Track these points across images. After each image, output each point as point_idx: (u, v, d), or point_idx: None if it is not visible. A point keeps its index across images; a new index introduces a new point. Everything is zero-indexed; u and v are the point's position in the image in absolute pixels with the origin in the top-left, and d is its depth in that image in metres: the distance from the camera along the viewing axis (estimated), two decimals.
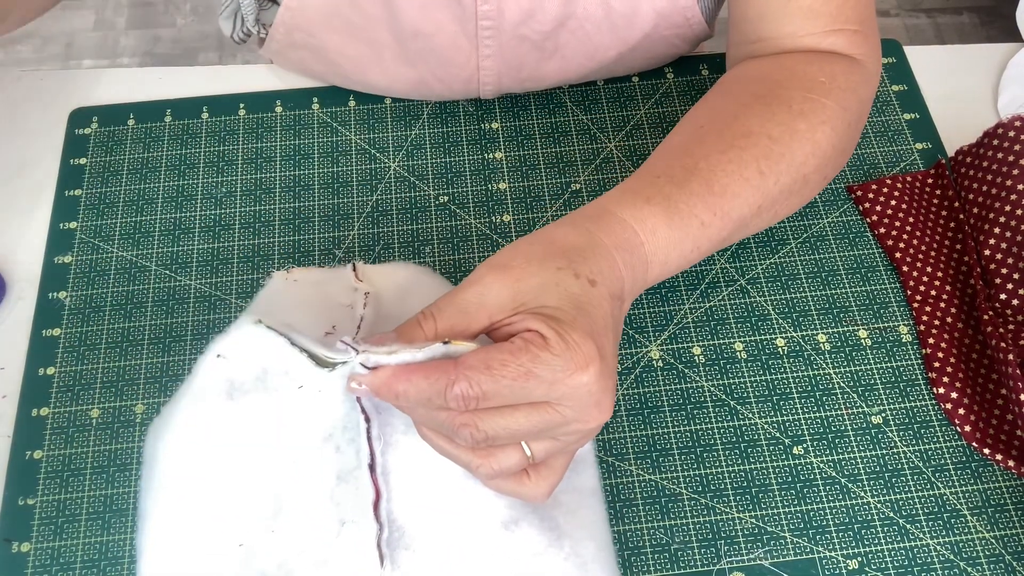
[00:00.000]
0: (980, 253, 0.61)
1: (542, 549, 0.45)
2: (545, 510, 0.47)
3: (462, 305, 0.43)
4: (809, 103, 0.56)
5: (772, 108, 0.55)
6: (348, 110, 0.69)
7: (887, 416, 0.57)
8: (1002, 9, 1.87)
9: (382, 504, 0.44)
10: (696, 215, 0.51)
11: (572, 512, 0.48)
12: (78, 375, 0.58)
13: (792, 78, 0.57)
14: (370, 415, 0.45)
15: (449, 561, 0.44)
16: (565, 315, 0.41)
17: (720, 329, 0.60)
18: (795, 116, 0.55)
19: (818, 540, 0.53)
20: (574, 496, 0.49)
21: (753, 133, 0.54)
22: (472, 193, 0.65)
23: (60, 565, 0.52)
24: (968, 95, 0.70)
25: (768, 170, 0.53)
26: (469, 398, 0.40)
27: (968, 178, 0.64)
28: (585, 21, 0.63)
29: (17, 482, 0.54)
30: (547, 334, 0.40)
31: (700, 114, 0.57)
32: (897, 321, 0.60)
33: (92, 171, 0.66)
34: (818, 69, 0.58)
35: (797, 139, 0.54)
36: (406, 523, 0.45)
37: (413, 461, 0.46)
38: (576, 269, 0.44)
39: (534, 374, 0.40)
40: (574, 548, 0.46)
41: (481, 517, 0.46)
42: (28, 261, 0.63)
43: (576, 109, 0.69)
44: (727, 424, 0.56)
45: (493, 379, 0.40)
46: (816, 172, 0.56)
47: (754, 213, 0.54)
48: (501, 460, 0.42)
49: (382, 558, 0.43)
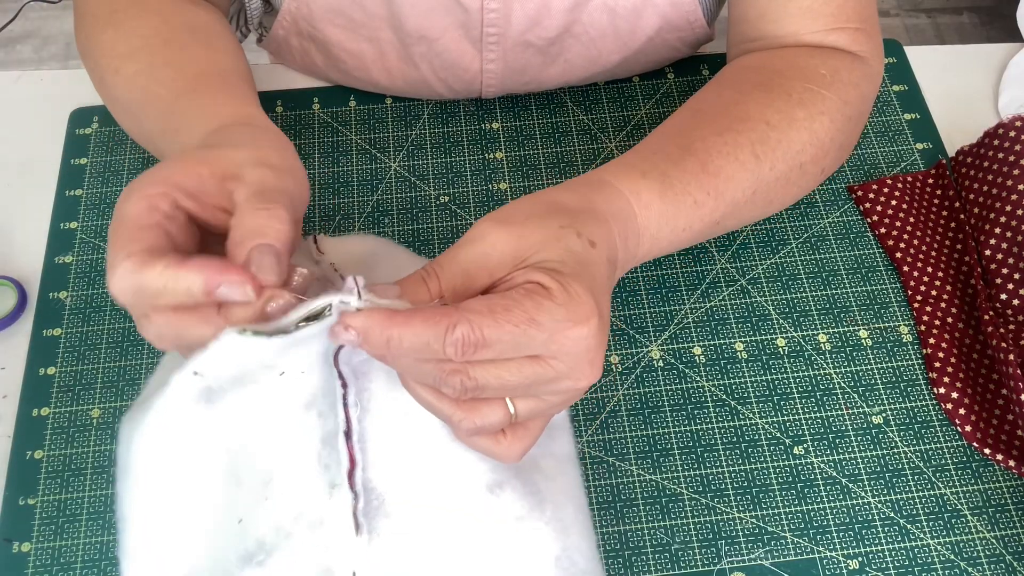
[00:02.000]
0: (981, 253, 0.61)
1: (525, 513, 0.45)
2: (527, 474, 0.47)
3: (464, 263, 0.42)
4: (809, 93, 0.56)
5: (771, 95, 0.55)
6: (348, 110, 0.69)
7: (888, 416, 0.57)
8: (1002, 9, 1.88)
9: (357, 473, 0.44)
10: (690, 193, 0.51)
11: (551, 478, 0.48)
12: (79, 375, 0.58)
13: (793, 68, 0.57)
14: (347, 380, 0.44)
15: (430, 528, 0.44)
16: (568, 268, 0.41)
17: (721, 329, 0.60)
18: (794, 105, 0.55)
19: (819, 540, 0.53)
20: (552, 462, 0.49)
21: (751, 118, 0.54)
22: (473, 193, 0.65)
23: (60, 565, 0.52)
24: (968, 95, 0.70)
25: (763, 155, 0.53)
26: (469, 343, 0.38)
27: (969, 178, 0.64)
28: (590, 27, 0.63)
29: (18, 482, 0.54)
30: (550, 285, 0.40)
31: (699, 99, 0.57)
32: (898, 321, 0.60)
33: (93, 171, 0.66)
34: (820, 62, 0.58)
35: (795, 127, 0.55)
36: (386, 490, 0.44)
37: (393, 427, 0.45)
38: (578, 228, 0.44)
39: (536, 322, 0.39)
40: (555, 512, 0.46)
41: (463, 482, 0.45)
42: (29, 261, 0.63)
43: (576, 109, 0.69)
44: (728, 424, 0.57)
45: (496, 323, 0.38)
46: (813, 163, 0.56)
47: (748, 198, 0.54)
48: (485, 415, 0.41)
49: (358, 527, 0.43)
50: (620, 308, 0.60)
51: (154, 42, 0.55)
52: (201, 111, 0.50)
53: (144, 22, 0.56)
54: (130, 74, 0.54)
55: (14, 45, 1.82)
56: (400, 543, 0.44)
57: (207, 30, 0.57)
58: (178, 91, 0.52)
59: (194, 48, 0.55)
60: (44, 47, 1.82)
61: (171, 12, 0.57)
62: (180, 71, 0.53)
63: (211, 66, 0.54)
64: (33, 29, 1.83)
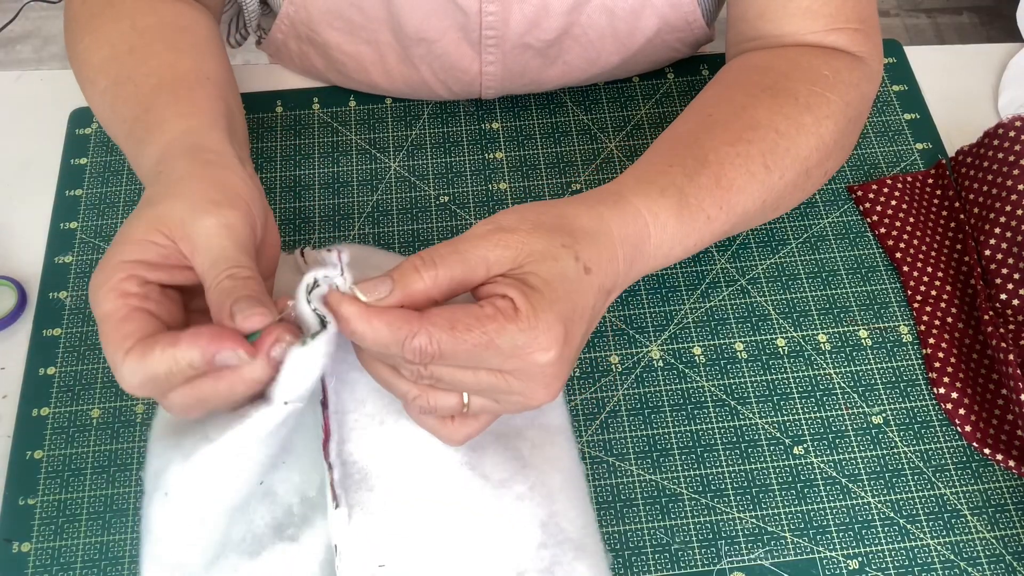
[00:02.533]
0: (980, 253, 0.61)
1: (507, 477, 0.46)
2: (509, 440, 0.47)
3: (465, 255, 0.42)
4: (814, 96, 0.56)
5: (779, 100, 0.55)
6: (348, 110, 0.69)
7: (887, 416, 0.57)
8: (1002, 9, 1.87)
9: (332, 444, 0.44)
10: (704, 209, 0.51)
11: (537, 447, 0.49)
12: (79, 375, 0.58)
13: (797, 70, 0.57)
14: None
15: (411, 497, 0.44)
16: (548, 291, 0.42)
17: (720, 329, 0.60)
18: (801, 109, 0.55)
19: (819, 540, 0.53)
20: (539, 432, 0.49)
21: (761, 125, 0.54)
22: (473, 193, 0.65)
23: (60, 565, 0.52)
24: (968, 95, 0.70)
25: (774, 165, 0.53)
26: (426, 354, 0.40)
27: (968, 178, 0.64)
28: (589, 28, 0.63)
29: (17, 482, 0.54)
30: (520, 306, 0.40)
31: (708, 102, 0.57)
32: (897, 321, 0.60)
33: (93, 171, 0.66)
34: (822, 62, 0.58)
35: (803, 133, 0.55)
36: (367, 464, 0.44)
37: (369, 399, 0.46)
38: (577, 251, 0.44)
39: (495, 345, 0.40)
40: (540, 478, 0.47)
41: (443, 448, 0.46)
42: (29, 261, 0.63)
43: (576, 109, 0.69)
44: (727, 424, 0.56)
45: (454, 340, 0.39)
46: (818, 167, 0.56)
47: (758, 208, 0.54)
48: (439, 399, 0.43)
49: (336, 499, 0.43)
50: (620, 308, 0.60)
51: (120, 51, 0.54)
52: (150, 135, 0.50)
53: (115, 27, 0.55)
54: (100, 89, 0.54)
55: (14, 45, 1.82)
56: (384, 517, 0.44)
57: (174, 27, 0.56)
58: (136, 112, 0.51)
59: (157, 55, 0.54)
60: (44, 47, 1.82)
61: (142, 13, 0.56)
62: (138, 87, 0.52)
63: (168, 73, 0.53)
64: (33, 29, 1.83)
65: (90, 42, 0.56)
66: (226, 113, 0.52)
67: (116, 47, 0.54)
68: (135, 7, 0.56)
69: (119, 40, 0.55)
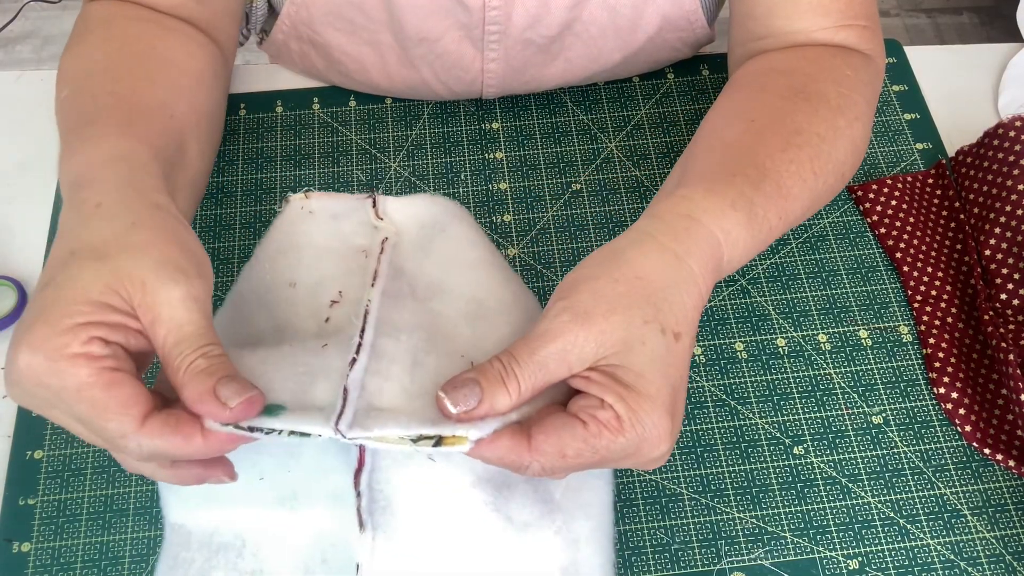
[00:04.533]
0: (980, 253, 0.61)
1: (531, 520, 0.45)
2: (540, 483, 0.47)
3: (543, 359, 0.41)
4: (843, 98, 0.55)
5: (813, 103, 0.55)
6: (348, 110, 0.69)
7: (887, 416, 0.57)
8: (1002, 9, 1.88)
9: (364, 474, 0.44)
10: (768, 220, 0.50)
11: (572, 489, 0.48)
12: None
13: (822, 71, 0.57)
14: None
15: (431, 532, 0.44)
16: (644, 385, 0.41)
17: (720, 329, 0.60)
18: (835, 112, 0.55)
19: (819, 540, 0.53)
20: (577, 475, 0.48)
21: (803, 131, 0.53)
22: (473, 193, 0.65)
23: (60, 565, 0.52)
24: (968, 95, 0.70)
25: (820, 170, 0.53)
26: (543, 474, 0.41)
27: (968, 178, 0.64)
28: (590, 25, 0.63)
29: (18, 482, 0.54)
30: (622, 414, 0.40)
31: (743, 106, 0.56)
32: (897, 321, 0.60)
33: None
34: (842, 62, 0.57)
35: (839, 137, 0.54)
36: (392, 495, 0.44)
37: None
38: (663, 322, 0.43)
39: (607, 459, 0.41)
40: (566, 523, 0.46)
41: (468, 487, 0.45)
42: (29, 261, 0.63)
43: (576, 109, 0.69)
44: (728, 424, 0.56)
45: (567, 465, 0.41)
46: (851, 169, 0.57)
47: (804, 212, 0.54)
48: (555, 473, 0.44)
49: (362, 524, 0.43)
50: None
51: (96, 68, 0.53)
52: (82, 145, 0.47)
53: (102, 46, 0.54)
54: (61, 97, 0.53)
55: (14, 45, 1.82)
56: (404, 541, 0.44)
57: (162, 59, 0.54)
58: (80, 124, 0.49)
59: (127, 80, 0.52)
60: (44, 47, 1.82)
61: (135, 39, 0.55)
62: (95, 101, 0.50)
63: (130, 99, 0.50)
64: (33, 29, 1.83)
65: (75, 53, 0.55)
66: (175, 151, 0.50)
67: (95, 64, 0.53)
68: (131, 33, 0.55)
69: (100, 58, 0.54)
